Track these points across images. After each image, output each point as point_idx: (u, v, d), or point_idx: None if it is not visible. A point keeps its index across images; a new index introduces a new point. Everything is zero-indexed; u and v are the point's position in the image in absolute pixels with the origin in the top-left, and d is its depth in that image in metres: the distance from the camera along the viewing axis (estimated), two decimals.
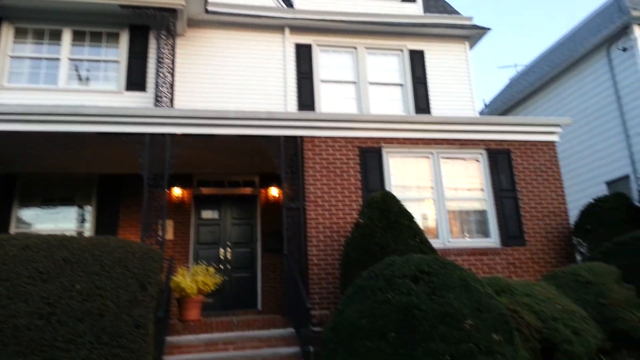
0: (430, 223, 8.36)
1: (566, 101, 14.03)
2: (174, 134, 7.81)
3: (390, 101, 11.68)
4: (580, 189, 13.06)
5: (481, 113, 18.63)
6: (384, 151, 8.52)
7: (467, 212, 8.55)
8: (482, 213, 8.50)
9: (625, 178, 11.97)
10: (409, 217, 6.71)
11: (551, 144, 8.98)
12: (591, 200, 8.10)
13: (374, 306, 4.68)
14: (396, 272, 4.94)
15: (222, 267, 9.99)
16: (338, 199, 8.11)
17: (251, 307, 9.83)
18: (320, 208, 8.01)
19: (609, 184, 12.45)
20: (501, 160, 8.72)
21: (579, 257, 8.05)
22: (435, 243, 8.03)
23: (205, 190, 10.45)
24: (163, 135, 7.76)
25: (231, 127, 8.00)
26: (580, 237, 7.72)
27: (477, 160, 8.80)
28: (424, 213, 8.43)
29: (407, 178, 8.56)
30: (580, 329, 5.23)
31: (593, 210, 7.75)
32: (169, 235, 9.81)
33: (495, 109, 17.80)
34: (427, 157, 8.73)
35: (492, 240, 8.26)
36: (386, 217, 6.52)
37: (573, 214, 8.96)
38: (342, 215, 7.99)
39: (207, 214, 10.45)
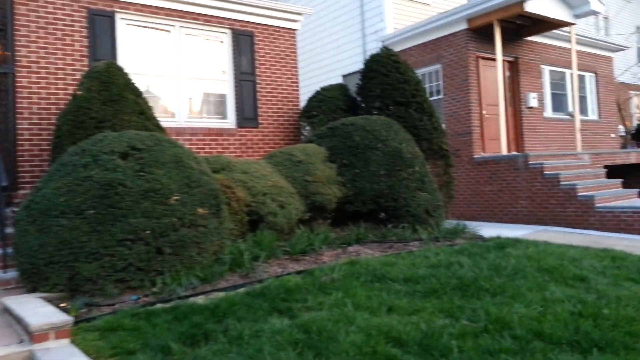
0: (168, 102, 8.04)
1: None
2: None
3: None
4: (322, 80, 14.18)
5: None
6: (118, 17, 7.59)
7: (208, 93, 8.46)
8: (222, 95, 8.52)
9: (357, 72, 13.39)
10: (136, 91, 6.26)
11: (292, 31, 9.30)
12: (318, 89, 8.85)
13: (74, 183, 4.34)
14: (104, 148, 4.61)
15: None
16: (58, 67, 7.06)
17: None
18: (35, 75, 6.88)
19: (345, 76, 13.80)
20: (244, 43, 8.70)
21: (304, 139, 8.88)
22: (171, 122, 7.82)
23: None
24: None
25: None
26: (306, 121, 8.46)
27: (222, 42, 8.60)
28: (161, 90, 8.02)
29: (144, 51, 7.89)
30: (286, 203, 5.86)
31: (317, 98, 8.50)
32: None
33: None
34: (168, 31, 8.14)
35: (229, 121, 8.45)
36: (108, 89, 5.95)
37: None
38: (62, 86, 7.03)
39: None
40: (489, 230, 7.54)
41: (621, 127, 16.89)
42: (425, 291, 4.15)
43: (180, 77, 8.10)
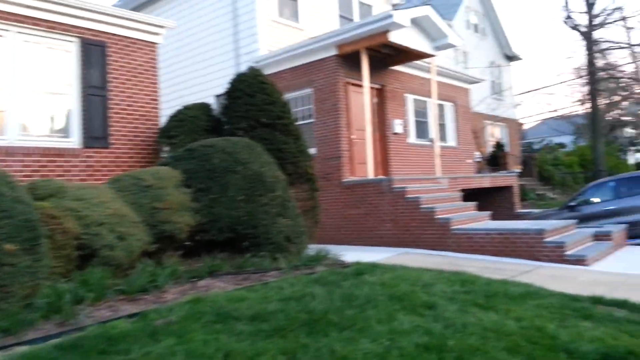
0: None
1: (195, 9, 14.06)
2: None
3: None
4: (194, 100, 13.48)
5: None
6: None
7: (49, 108, 7.47)
8: (66, 110, 7.57)
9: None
10: None
11: (153, 45, 8.66)
12: (180, 108, 8.28)
13: None
14: None
15: None
16: None
17: None
18: None
19: (218, 97, 13.30)
20: (95, 54, 7.87)
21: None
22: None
23: None
24: None
25: None
26: (166, 142, 7.83)
27: (68, 51, 7.69)
28: None
29: None
30: (128, 234, 5.20)
31: (178, 117, 7.94)
32: None
33: (127, 2, 16.45)
34: (1, 36, 7.08)
35: (73, 140, 7.52)
36: None
37: None
38: None
39: None
40: (354, 254, 7.49)
41: (477, 153, 18.42)
42: (271, 330, 3.80)
43: (14, 89, 7.04)
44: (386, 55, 11.58)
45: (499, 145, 19.50)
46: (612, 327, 3.92)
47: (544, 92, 27.76)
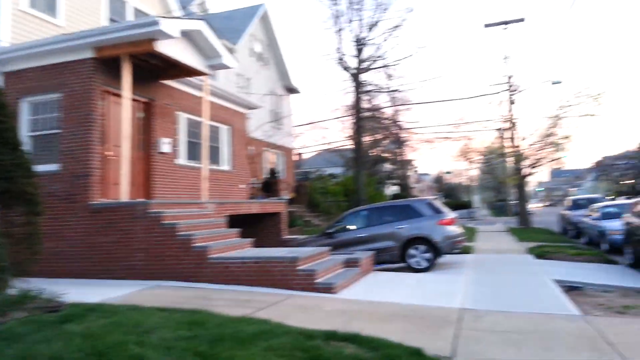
0: None
1: None
2: None
3: None
4: None
5: None
6: None
7: None
8: None
9: None
10: None
11: None
12: None
13: None
14: None
15: None
16: None
17: None
18: None
19: None
20: None
21: None
22: None
23: None
24: None
25: None
26: None
27: None
28: None
29: None
30: None
31: None
32: None
33: None
34: None
35: None
36: None
37: None
38: None
39: None
40: (85, 291, 6.30)
41: (254, 179, 18.53)
42: None
43: None
44: (156, 67, 10.63)
45: (273, 172, 20.00)
46: None
47: (320, 126, 29.93)
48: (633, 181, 69.83)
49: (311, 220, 18.16)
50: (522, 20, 25.58)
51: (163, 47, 9.33)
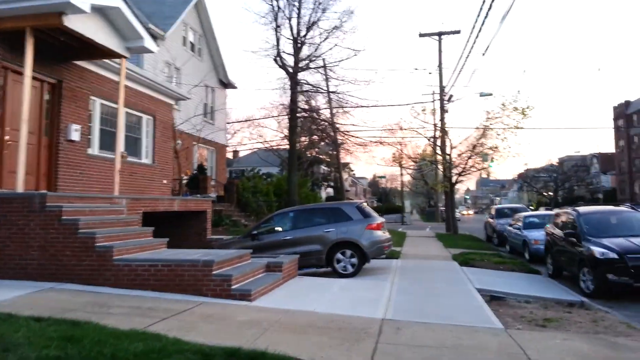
0: None
1: None
2: None
3: None
4: None
5: None
6: None
7: None
8: None
9: None
10: None
11: None
12: None
13: None
14: None
15: None
16: None
17: None
18: None
19: None
20: None
21: None
22: None
23: None
24: None
25: None
26: None
27: None
28: None
29: None
30: None
31: None
32: None
33: None
34: None
35: None
36: None
37: None
38: None
39: None
40: None
41: (183, 175, 17.56)
42: None
43: None
44: (67, 45, 9.56)
45: (201, 169, 19.07)
46: None
47: (257, 123, 29.18)
48: (552, 194, 74.31)
49: (240, 220, 17.43)
50: (458, 32, 26.20)
51: (73, 23, 8.36)
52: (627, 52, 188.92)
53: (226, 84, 26.00)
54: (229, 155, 37.47)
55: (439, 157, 24.91)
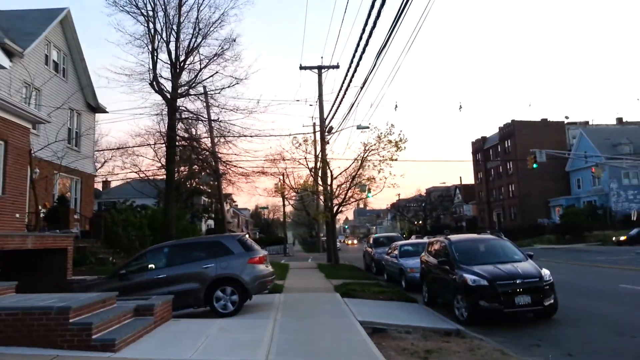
0: None
1: None
2: None
3: None
4: None
5: None
6: None
7: None
8: None
9: None
10: None
11: None
12: None
13: None
14: None
15: None
16: None
17: None
18: None
19: None
20: None
21: None
22: None
23: None
24: None
25: None
26: None
27: None
28: None
29: None
30: None
31: None
32: None
33: None
34: None
35: None
36: None
37: None
38: None
39: None
40: None
41: (41, 208, 15.62)
42: None
43: None
44: None
45: (63, 200, 17.18)
46: None
47: (130, 152, 27.31)
48: (421, 222, 79.73)
49: (107, 258, 15.85)
50: (337, 67, 27.25)
51: None
52: (484, 92, 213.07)
53: (95, 108, 24.08)
54: (98, 186, 34.58)
55: (320, 188, 25.28)
